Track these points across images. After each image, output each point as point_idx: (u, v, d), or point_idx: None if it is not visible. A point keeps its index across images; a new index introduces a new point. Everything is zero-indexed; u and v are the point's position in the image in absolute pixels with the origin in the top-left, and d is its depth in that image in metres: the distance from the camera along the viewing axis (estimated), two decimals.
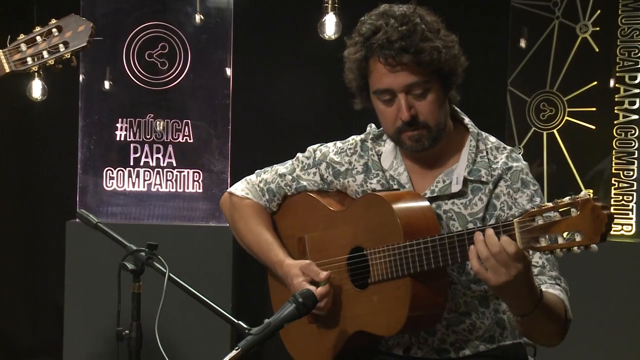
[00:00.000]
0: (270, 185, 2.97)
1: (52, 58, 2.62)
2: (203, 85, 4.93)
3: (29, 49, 2.65)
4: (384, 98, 2.68)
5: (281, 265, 2.83)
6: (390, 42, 2.60)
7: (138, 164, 4.95)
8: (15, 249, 5.40)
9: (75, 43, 2.63)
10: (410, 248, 2.57)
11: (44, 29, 2.64)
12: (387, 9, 2.69)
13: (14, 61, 2.64)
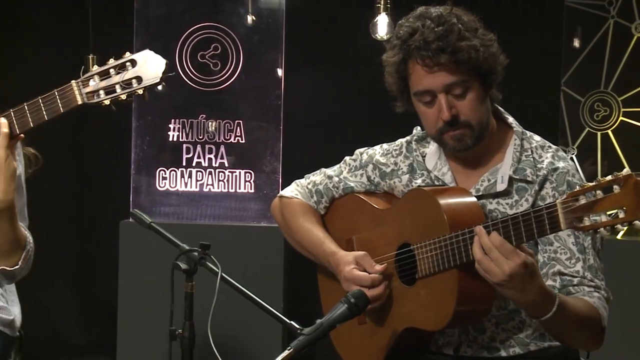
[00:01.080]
0: (318, 187, 2.99)
1: (124, 93, 2.59)
2: (255, 85, 4.95)
3: (101, 82, 2.60)
4: (424, 100, 2.69)
5: (333, 255, 2.84)
6: (427, 43, 2.61)
7: (190, 165, 4.98)
8: (70, 249, 5.46)
9: (148, 79, 2.58)
10: (455, 239, 2.57)
11: (118, 62, 2.60)
12: (423, 11, 2.69)
13: (86, 93, 2.61)
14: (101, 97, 2.60)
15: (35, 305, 4.59)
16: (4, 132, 2.62)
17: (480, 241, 2.47)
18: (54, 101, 2.64)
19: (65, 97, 2.63)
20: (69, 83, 2.63)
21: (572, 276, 2.60)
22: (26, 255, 2.80)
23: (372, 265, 2.75)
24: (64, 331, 5.44)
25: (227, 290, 2.67)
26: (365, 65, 4.93)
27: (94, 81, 2.60)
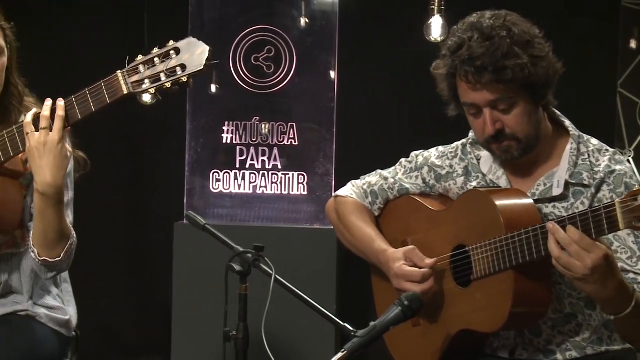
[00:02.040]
0: (373, 188, 3.00)
1: (169, 81, 2.61)
2: (308, 88, 4.95)
3: (147, 71, 2.62)
4: (470, 111, 2.69)
5: (384, 253, 2.84)
6: (471, 60, 2.58)
7: (244, 167, 4.99)
8: (125, 250, 5.50)
9: (193, 67, 2.60)
10: (512, 240, 2.55)
11: (162, 51, 2.63)
12: (475, 20, 2.66)
13: (131, 83, 2.64)
14: (146, 86, 2.62)
15: (91, 306, 4.63)
16: (60, 115, 2.65)
17: (556, 237, 2.44)
18: (101, 92, 2.67)
19: (111, 87, 2.65)
20: (115, 73, 2.65)
21: (636, 274, 2.56)
22: (69, 249, 2.82)
23: (422, 259, 2.74)
24: (119, 332, 5.48)
25: (280, 291, 2.67)
26: (418, 67, 4.91)
27: (139, 71, 2.63)
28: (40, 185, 2.68)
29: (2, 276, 2.88)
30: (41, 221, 2.74)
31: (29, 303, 2.91)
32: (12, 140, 2.72)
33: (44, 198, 2.69)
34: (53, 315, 2.93)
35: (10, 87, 2.89)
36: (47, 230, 2.74)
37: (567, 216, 2.45)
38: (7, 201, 2.78)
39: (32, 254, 2.79)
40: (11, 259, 2.89)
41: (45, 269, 2.82)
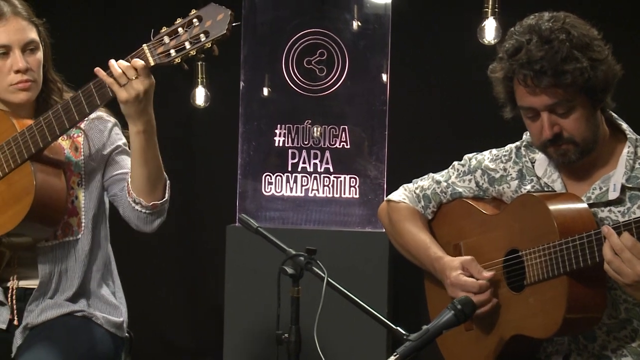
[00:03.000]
0: (426, 192, 2.99)
1: (193, 48, 2.65)
2: (360, 91, 4.95)
3: (172, 41, 2.67)
4: (527, 115, 2.67)
5: (439, 261, 2.83)
6: (530, 63, 2.56)
7: (296, 170, 5.00)
8: (177, 253, 5.53)
9: (215, 32, 2.62)
10: (565, 245, 2.54)
11: (185, 20, 2.67)
12: (533, 22, 2.63)
13: (157, 54, 2.69)
14: (172, 56, 2.66)
15: (145, 308, 4.67)
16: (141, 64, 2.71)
17: (610, 242, 2.42)
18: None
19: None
20: (141, 47, 2.70)
21: None
22: (167, 186, 2.93)
23: (479, 271, 2.73)
24: (171, 334, 5.51)
25: (332, 294, 2.67)
26: (472, 70, 4.89)
27: (164, 42, 2.67)
28: (143, 124, 2.78)
29: (57, 265, 2.91)
30: (144, 164, 2.83)
31: (83, 302, 2.94)
32: (49, 126, 2.77)
33: (145, 136, 2.80)
34: (109, 317, 2.96)
35: (49, 84, 2.96)
36: (150, 171, 2.85)
37: (623, 222, 2.43)
38: (53, 189, 2.82)
39: (137, 206, 2.87)
40: (67, 247, 2.93)
41: (153, 216, 2.89)
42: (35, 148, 2.76)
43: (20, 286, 2.93)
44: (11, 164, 2.78)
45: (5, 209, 2.78)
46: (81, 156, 2.95)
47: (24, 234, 2.83)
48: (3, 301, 2.91)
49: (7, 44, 2.84)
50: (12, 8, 2.86)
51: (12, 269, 2.92)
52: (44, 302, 2.90)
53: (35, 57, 2.88)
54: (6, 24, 2.83)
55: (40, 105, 2.94)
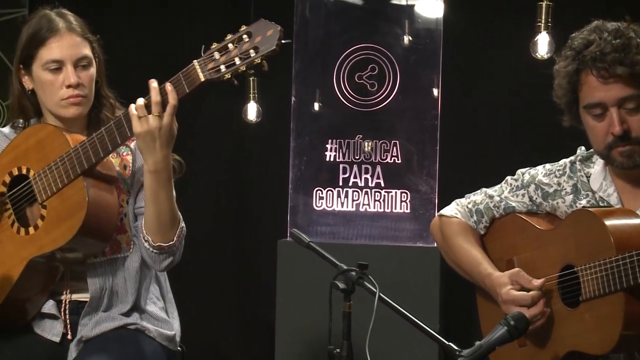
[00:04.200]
0: (478, 206, 2.97)
1: (243, 64, 2.66)
2: (411, 106, 4.94)
3: (221, 57, 2.68)
4: (594, 112, 2.64)
5: (489, 277, 2.82)
6: (603, 55, 2.57)
7: (347, 184, 5.00)
8: (229, 267, 5.56)
9: (265, 47, 2.63)
10: (622, 261, 2.51)
11: (235, 36, 2.68)
12: (599, 24, 2.66)
13: (208, 70, 2.69)
14: (222, 71, 2.67)
15: (196, 322, 4.70)
16: (172, 103, 2.71)
17: None
18: (180, 83, 2.74)
19: (189, 77, 2.72)
20: (191, 63, 2.71)
21: None
22: (180, 233, 2.88)
23: (529, 280, 2.71)
24: (223, 348, 5.53)
25: (384, 310, 2.66)
26: (524, 85, 4.87)
27: (214, 58, 2.68)
28: (152, 164, 2.76)
29: (107, 281, 2.93)
30: (154, 204, 2.81)
31: (136, 316, 2.96)
32: (101, 142, 2.79)
33: (155, 176, 2.77)
34: (161, 330, 2.98)
35: (102, 99, 2.99)
36: (160, 212, 2.81)
37: None
38: (105, 205, 2.84)
39: (146, 243, 2.86)
40: (115, 264, 2.95)
41: (160, 257, 2.88)
42: (88, 163, 2.79)
43: (73, 299, 2.96)
44: (64, 180, 2.80)
45: (59, 224, 2.81)
46: (130, 174, 2.97)
47: (76, 249, 2.85)
48: (56, 315, 2.94)
49: (60, 59, 2.87)
50: (67, 24, 2.90)
51: (65, 283, 2.95)
52: (97, 315, 2.93)
53: (87, 73, 2.91)
54: (60, 40, 2.87)
55: (92, 120, 2.97)
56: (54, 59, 2.87)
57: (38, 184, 2.84)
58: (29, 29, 2.92)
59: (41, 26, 2.89)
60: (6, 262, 2.86)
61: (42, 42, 2.88)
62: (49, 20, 2.90)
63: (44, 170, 2.83)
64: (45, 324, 2.94)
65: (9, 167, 2.90)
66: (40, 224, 2.83)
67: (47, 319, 2.94)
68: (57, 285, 2.94)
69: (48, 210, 2.83)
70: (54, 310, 2.93)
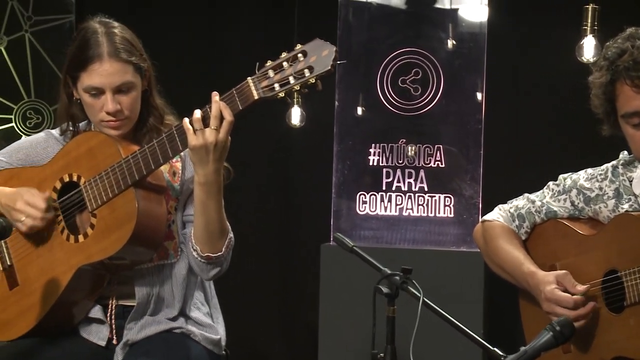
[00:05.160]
0: (520, 211, 2.97)
1: (297, 83, 2.65)
2: (455, 110, 4.93)
3: (276, 75, 2.66)
4: (633, 122, 2.63)
5: (533, 276, 2.81)
6: (636, 64, 2.55)
7: (390, 189, 5.00)
8: (272, 271, 5.57)
9: (320, 68, 2.62)
10: None
11: (290, 55, 2.67)
12: (633, 32, 2.65)
13: (262, 88, 2.68)
14: (276, 90, 2.66)
15: (240, 326, 4.72)
16: (230, 119, 2.72)
17: None
18: (233, 100, 2.72)
19: (242, 94, 2.70)
20: (245, 80, 2.70)
21: None
22: (228, 243, 2.89)
23: (573, 284, 2.69)
24: (266, 351, 5.55)
25: (427, 314, 2.66)
26: (569, 89, 4.83)
27: (268, 75, 2.67)
28: (203, 176, 2.76)
29: (154, 288, 2.95)
30: (203, 214, 2.82)
31: (182, 320, 2.97)
32: (152, 154, 2.80)
33: (205, 188, 2.78)
34: (206, 334, 2.99)
35: (151, 108, 2.98)
36: (209, 222, 2.82)
37: None
38: (154, 215, 2.85)
39: (194, 252, 2.87)
40: (163, 270, 2.96)
41: (208, 267, 2.89)
42: (139, 175, 2.80)
43: (119, 304, 2.98)
44: (115, 190, 2.82)
45: (108, 234, 2.83)
46: (179, 181, 2.98)
47: (125, 258, 2.87)
48: (102, 319, 2.96)
49: (100, 87, 2.85)
50: (110, 48, 2.86)
51: (112, 287, 2.97)
52: (143, 319, 2.95)
53: (128, 97, 2.89)
54: (100, 67, 2.84)
55: (138, 129, 2.98)
56: (93, 86, 2.86)
57: (89, 192, 2.86)
58: (76, 45, 2.90)
59: (87, 46, 2.86)
60: (55, 269, 2.89)
61: (84, 67, 2.86)
62: (95, 42, 2.86)
63: (95, 179, 2.85)
64: (91, 328, 2.96)
65: (61, 173, 2.93)
66: (89, 233, 2.85)
67: (93, 323, 2.96)
68: (104, 290, 2.97)
69: (98, 220, 2.85)
70: (101, 315, 2.96)
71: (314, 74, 2.63)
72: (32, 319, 2.91)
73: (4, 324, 2.96)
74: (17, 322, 2.94)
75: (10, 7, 5.45)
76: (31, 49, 5.43)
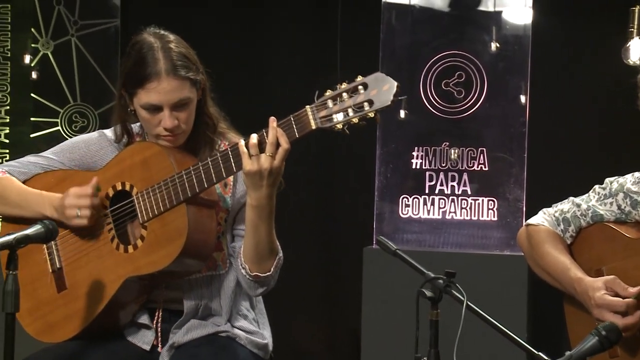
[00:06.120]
0: (565, 215, 2.94)
1: (356, 116, 2.60)
2: (499, 113, 4.91)
3: (335, 106, 2.62)
4: None
5: (580, 282, 2.79)
6: None
7: (433, 192, 4.99)
8: (315, 274, 5.57)
9: (380, 102, 2.59)
10: None
11: (350, 86, 2.62)
12: None
13: (320, 118, 2.64)
14: (334, 121, 2.63)
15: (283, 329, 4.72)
16: (286, 147, 2.70)
17: None
18: (290, 127, 2.69)
19: (300, 122, 2.67)
20: (304, 109, 2.67)
21: None
22: (277, 264, 2.88)
23: (624, 288, 2.67)
24: (309, 355, 5.55)
25: (471, 318, 2.65)
26: (614, 92, 4.79)
27: (327, 105, 2.64)
28: (255, 199, 2.75)
29: (202, 299, 2.96)
30: (254, 236, 2.82)
31: (228, 325, 2.98)
32: (206, 172, 2.80)
33: (257, 211, 2.77)
34: (252, 338, 3.00)
35: (205, 118, 2.97)
36: (259, 244, 2.82)
37: None
38: (204, 230, 2.86)
39: (243, 270, 2.87)
40: (211, 282, 2.97)
41: (256, 285, 2.89)
42: (191, 192, 2.80)
43: (166, 308, 2.99)
44: (167, 204, 2.82)
45: (158, 248, 2.84)
46: (230, 193, 2.98)
47: (173, 271, 2.88)
48: (149, 325, 2.98)
49: (158, 104, 2.84)
50: (168, 65, 2.84)
51: (160, 292, 2.99)
52: (189, 322, 2.96)
53: (185, 112, 2.88)
54: (159, 85, 2.82)
55: (192, 136, 2.97)
56: (151, 104, 2.85)
57: (140, 203, 2.87)
58: (133, 61, 2.88)
59: (144, 63, 2.84)
60: (104, 277, 2.91)
61: (142, 84, 2.84)
62: (152, 58, 2.84)
63: (148, 191, 2.85)
64: (137, 332, 2.98)
65: (113, 180, 2.94)
66: (139, 244, 2.86)
67: (139, 328, 2.98)
68: (151, 295, 2.98)
69: (148, 232, 2.85)
70: (147, 321, 2.97)
71: (373, 108, 2.59)
72: (78, 324, 2.93)
73: (51, 326, 2.99)
74: (63, 326, 2.97)
75: (57, 11, 5.51)
76: (77, 53, 5.49)
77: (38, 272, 3.01)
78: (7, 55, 5.51)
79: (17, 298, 2.62)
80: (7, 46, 5.51)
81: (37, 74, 5.51)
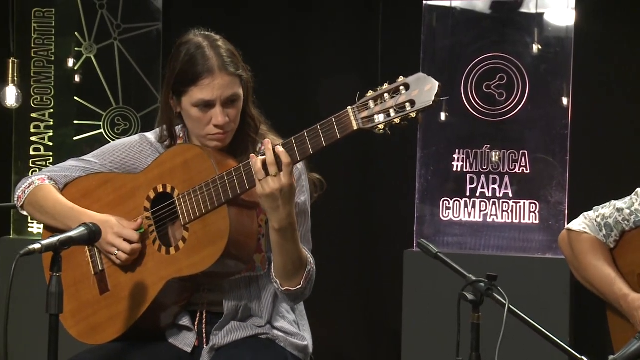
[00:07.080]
0: (607, 220, 2.92)
1: (398, 117, 2.57)
2: (541, 115, 4.88)
3: (376, 107, 2.60)
4: None
5: (625, 299, 2.76)
6: None
7: (474, 195, 4.97)
8: (356, 277, 5.57)
9: (422, 102, 2.55)
10: None
11: (392, 87, 2.59)
12: None
13: (361, 118, 2.61)
14: (376, 122, 2.61)
15: (324, 331, 4.73)
16: (286, 162, 2.68)
17: None
18: (332, 127, 2.66)
19: (341, 123, 2.65)
20: (345, 109, 2.65)
21: None
22: (307, 275, 2.88)
23: None
24: (350, 357, 5.55)
25: (513, 321, 2.64)
26: None
27: (369, 106, 2.63)
28: (276, 223, 2.75)
29: (242, 300, 2.97)
30: (280, 255, 2.82)
31: (268, 327, 2.99)
32: (247, 174, 2.80)
33: (281, 234, 2.77)
34: (291, 340, 3.00)
35: (247, 118, 2.98)
36: (286, 262, 2.82)
37: None
38: (245, 231, 2.86)
39: (275, 284, 2.89)
40: (250, 283, 2.98)
41: (288, 297, 2.91)
42: (233, 194, 2.80)
43: (207, 310, 3.01)
44: (209, 206, 2.83)
45: (199, 250, 2.85)
46: None
47: (215, 272, 2.89)
48: (190, 327, 2.99)
49: (211, 100, 2.85)
50: (220, 61, 2.86)
51: (201, 295, 3.00)
52: (230, 324, 2.97)
53: (234, 109, 2.89)
54: (212, 81, 2.84)
55: (235, 137, 2.98)
56: (205, 100, 2.86)
57: (182, 205, 2.88)
58: (183, 60, 2.89)
59: (195, 61, 2.86)
60: (146, 279, 2.93)
61: (195, 81, 2.85)
62: (203, 56, 2.86)
63: (189, 193, 2.87)
64: (178, 334, 2.99)
65: (155, 182, 2.95)
66: (181, 246, 2.87)
67: (181, 330, 3.00)
68: (193, 297, 3.00)
69: (190, 234, 2.86)
70: (188, 323, 2.98)
71: (415, 109, 2.57)
72: (121, 326, 2.95)
73: (93, 328, 3.01)
74: (106, 328, 2.99)
75: (100, 15, 5.56)
76: (119, 57, 5.53)
77: (81, 274, 3.03)
78: (51, 59, 5.57)
79: (61, 300, 2.64)
80: (52, 50, 5.57)
81: (81, 77, 5.56)
